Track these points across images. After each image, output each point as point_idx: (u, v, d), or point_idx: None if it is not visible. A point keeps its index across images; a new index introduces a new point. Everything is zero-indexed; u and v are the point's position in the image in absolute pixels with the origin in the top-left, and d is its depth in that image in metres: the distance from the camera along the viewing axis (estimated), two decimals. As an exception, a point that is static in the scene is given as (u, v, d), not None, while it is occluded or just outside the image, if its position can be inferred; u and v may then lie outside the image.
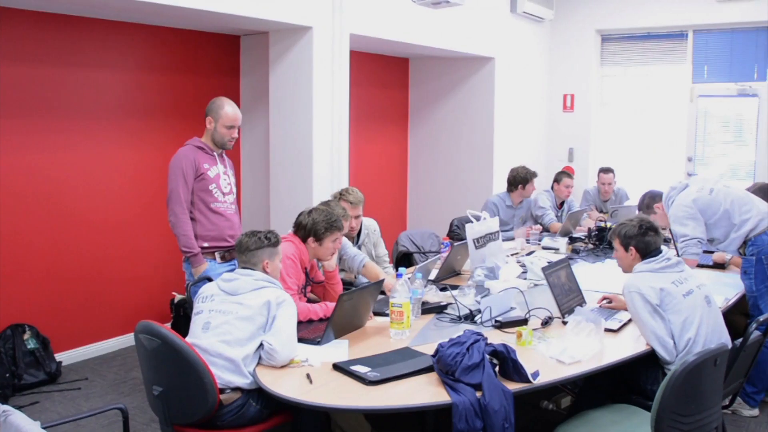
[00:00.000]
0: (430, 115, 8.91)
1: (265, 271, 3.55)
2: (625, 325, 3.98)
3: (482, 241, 5.07)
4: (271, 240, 3.60)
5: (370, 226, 5.08)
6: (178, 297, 5.93)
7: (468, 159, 8.69)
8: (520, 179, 6.79)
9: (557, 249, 6.11)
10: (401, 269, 3.84)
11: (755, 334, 3.67)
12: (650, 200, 5.45)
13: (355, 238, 4.97)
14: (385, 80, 8.59)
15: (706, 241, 4.79)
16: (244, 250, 3.57)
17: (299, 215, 4.23)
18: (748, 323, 4.06)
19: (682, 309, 3.67)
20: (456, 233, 6.23)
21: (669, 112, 9.35)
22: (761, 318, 3.68)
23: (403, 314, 3.67)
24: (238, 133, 4.65)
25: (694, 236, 4.70)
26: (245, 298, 3.38)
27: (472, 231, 5.02)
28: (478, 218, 5.15)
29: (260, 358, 3.30)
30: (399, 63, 8.77)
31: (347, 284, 4.59)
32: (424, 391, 3.03)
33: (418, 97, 8.97)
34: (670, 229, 5.07)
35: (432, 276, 4.86)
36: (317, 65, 6.09)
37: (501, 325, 3.86)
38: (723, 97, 8.98)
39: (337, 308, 3.62)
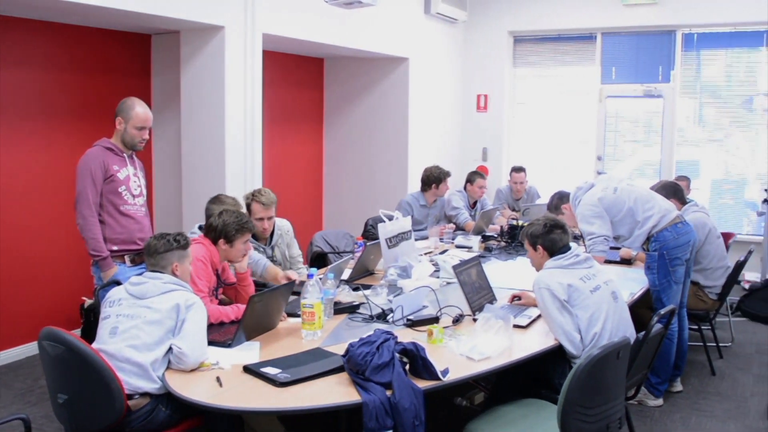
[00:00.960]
0: (345, 115, 8.91)
1: (174, 274, 3.50)
2: (534, 321, 4.05)
3: (395, 241, 5.10)
4: (180, 242, 3.55)
5: (283, 226, 5.05)
6: (88, 302, 5.78)
7: (383, 159, 8.72)
8: (433, 179, 6.85)
9: (470, 247, 6.20)
10: (312, 270, 3.83)
11: (657, 326, 3.78)
12: (558, 201, 5.57)
13: (268, 239, 4.93)
14: (300, 80, 8.55)
15: (612, 238, 4.91)
16: (153, 253, 3.51)
17: (209, 217, 4.19)
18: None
19: (590, 304, 3.76)
20: (371, 233, 6.24)
21: (579, 112, 9.59)
22: (662, 311, 3.80)
23: (315, 315, 3.66)
24: (150, 134, 4.57)
25: (601, 234, 4.81)
26: (154, 302, 3.32)
27: (384, 231, 5.04)
28: (390, 218, 5.18)
29: (170, 362, 3.25)
30: (314, 63, 8.74)
31: (260, 286, 4.55)
32: (335, 391, 3.03)
33: (333, 97, 8.95)
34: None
35: (345, 276, 4.87)
36: (229, 65, 6.03)
37: (412, 324, 3.89)
38: (630, 98, 9.25)
39: (247, 310, 3.59)
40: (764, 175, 8.16)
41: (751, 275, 8.13)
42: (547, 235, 3.99)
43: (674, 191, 5.61)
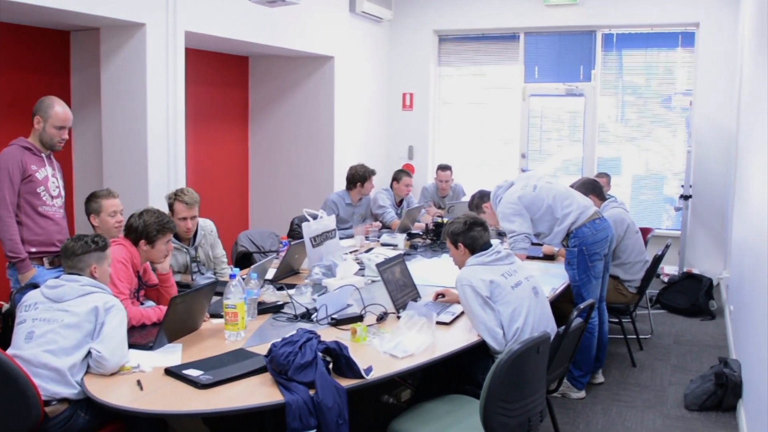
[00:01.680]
0: (271, 113, 8.85)
1: (93, 276, 3.43)
2: (458, 317, 4.10)
3: (319, 240, 5.09)
4: (98, 244, 3.48)
5: (207, 227, 5.00)
6: (6, 306, 5.60)
7: (309, 157, 8.69)
8: (358, 177, 6.86)
9: (396, 245, 6.22)
10: (235, 270, 3.80)
11: (577, 320, 3.87)
12: (479, 200, 5.63)
13: (192, 239, 4.88)
14: (225, 79, 8.46)
15: (533, 235, 5.00)
16: (70, 255, 3.43)
17: (130, 217, 4.12)
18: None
19: (511, 300, 3.82)
20: (297, 232, 6.21)
21: (504, 111, 9.72)
22: (582, 305, 3.88)
23: (238, 315, 3.64)
24: (69, 133, 4.47)
25: (521, 231, 4.89)
26: (71, 305, 3.25)
27: (308, 230, 5.03)
28: (315, 217, 5.17)
29: (89, 366, 3.19)
30: (238, 61, 8.66)
31: (183, 286, 4.50)
32: (258, 392, 3.02)
33: (258, 95, 8.89)
34: None
35: (270, 276, 4.84)
36: (151, 63, 5.93)
37: (337, 323, 3.89)
38: (552, 97, 9.42)
39: (169, 311, 3.54)
40: (682, 172, 8.40)
41: (669, 268, 8.38)
42: (468, 233, 4.04)
43: (593, 188, 5.73)
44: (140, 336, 3.64)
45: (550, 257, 5.88)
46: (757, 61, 5.50)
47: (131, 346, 3.38)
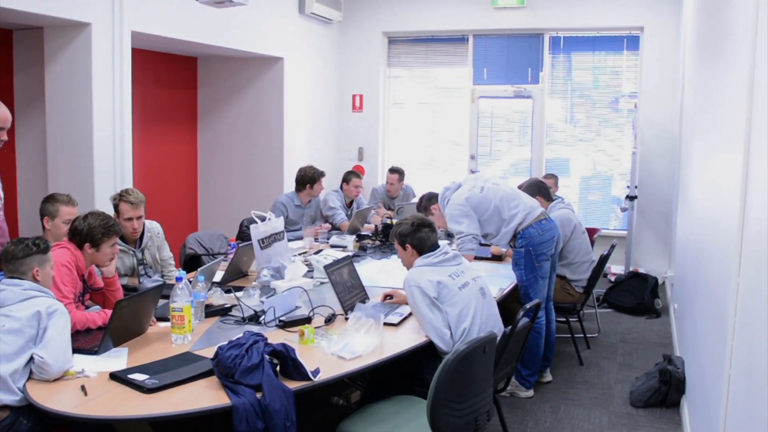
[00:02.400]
0: (220, 115, 8.80)
1: (35, 280, 3.38)
2: (406, 318, 4.12)
3: (267, 242, 5.08)
4: (40, 246, 3.43)
5: (153, 228, 4.95)
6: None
7: (259, 159, 8.67)
8: (307, 179, 6.85)
9: (345, 247, 6.23)
10: (181, 272, 3.77)
11: (524, 320, 3.91)
12: (427, 202, 5.67)
13: (138, 241, 4.82)
14: (172, 79, 8.38)
15: (481, 236, 5.04)
16: (11, 258, 3.37)
17: (74, 221, 4.06)
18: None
19: (458, 301, 3.85)
20: (246, 234, 6.15)
21: (453, 112, 9.78)
22: (528, 305, 3.93)
23: (184, 318, 3.61)
24: (9, 134, 4.37)
25: (469, 233, 4.94)
26: (12, 310, 3.19)
27: (256, 232, 5.01)
28: (263, 219, 5.15)
29: (31, 372, 3.13)
30: (186, 62, 8.59)
31: (130, 290, 4.45)
32: (205, 396, 3.00)
33: (207, 96, 8.83)
34: None
35: (218, 278, 4.82)
36: (97, 63, 5.85)
37: (284, 325, 3.89)
38: (501, 99, 9.51)
39: (114, 315, 3.50)
40: (629, 173, 8.55)
41: (616, 268, 8.51)
42: (416, 234, 4.06)
43: (539, 189, 5.81)
44: (85, 340, 3.59)
45: (497, 258, 5.94)
46: (697, 64, 5.63)
47: (75, 350, 3.33)
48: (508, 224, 4.97)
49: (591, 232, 6.52)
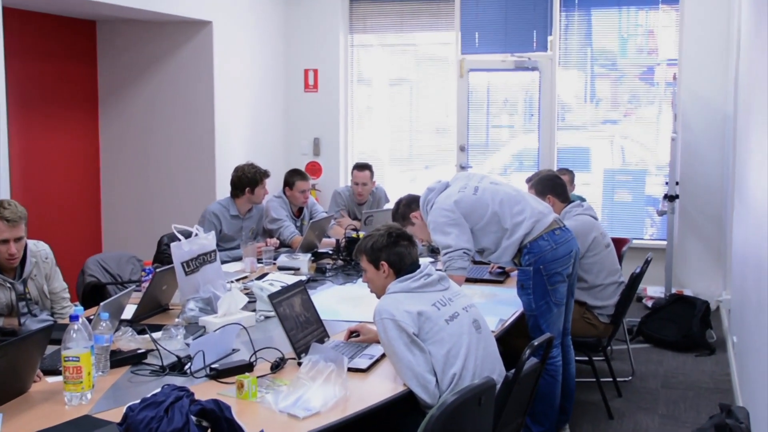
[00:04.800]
0: (129, 97, 8.77)
1: None
2: (377, 361, 4.09)
3: (194, 265, 5.02)
4: None
5: (40, 252, 4.89)
6: None
7: (182, 156, 8.67)
8: (246, 181, 6.83)
9: (297, 269, 6.19)
10: (77, 308, 3.72)
11: (532, 361, 3.90)
12: (405, 209, 5.53)
13: (17, 269, 4.76)
14: (62, 50, 8.34)
15: (473, 251, 5.04)
16: None
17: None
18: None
19: (446, 337, 3.83)
20: (166, 255, 6.13)
21: (438, 91, 9.81)
22: (536, 342, 3.92)
23: (82, 370, 3.56)
24: None
25: (459, 247, 4.92)
26: None
27: (179, 252, 4.95)
28: (188, 234, 5.11)
29: None
30: (81, 27, 8.54)
31: (7, 333, 4.40)
32: (111, 474, 2.97)
33: (110, 72, 8.79)
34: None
35: (127, 314, 4.78)
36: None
37: (218, 374, 3.85)
38: (499, 72, 9.54)
39: (-18, 368, 3.46)
40: (666, 166, 8.56)
41: (653, 290, 8.55)
42: (393, 248, 4.04)
43: (552, 186, 5.82)
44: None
45: (496, 280, 5.93)
46: (756, 20, 5.63)
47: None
48: (510, 236, 4.96)
49: (618, 243, 6.53)
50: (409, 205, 5.59)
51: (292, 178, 7.43)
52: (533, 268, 4.93)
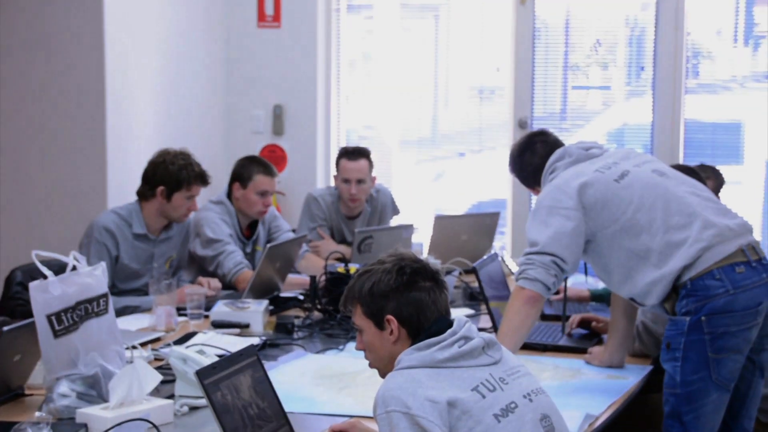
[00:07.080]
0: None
1: None
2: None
3: (70, 319, 4.96)
4: None
5: None
6: None
7: (61, 146, 8.73)
8: (166, 176, 6.87)
9: (246, 325, 6.17)
10: None
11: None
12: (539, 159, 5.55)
13: None
14: None
15: (570, 267, 5.02)
16: None
17: None
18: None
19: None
20: (20, 303, 6.11)
21: (482, 26, 9.79)
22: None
23: None
24: None
25: (549, 250, 4.91)
26: None
27: (44, 298, 4.87)
28: (60, 267, 5.02)
29: None
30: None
31: None
32: None
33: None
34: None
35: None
36: None
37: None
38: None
39: None
40: None
41: None
42: (407, 292, 3.96)
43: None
44: None
45: (583, 342, 5.89)
46: None
47: None
48: (661, 264, 4.91)
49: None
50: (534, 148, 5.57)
51: (248, 169, 7.40)
52: (690, 320, 4.85)
